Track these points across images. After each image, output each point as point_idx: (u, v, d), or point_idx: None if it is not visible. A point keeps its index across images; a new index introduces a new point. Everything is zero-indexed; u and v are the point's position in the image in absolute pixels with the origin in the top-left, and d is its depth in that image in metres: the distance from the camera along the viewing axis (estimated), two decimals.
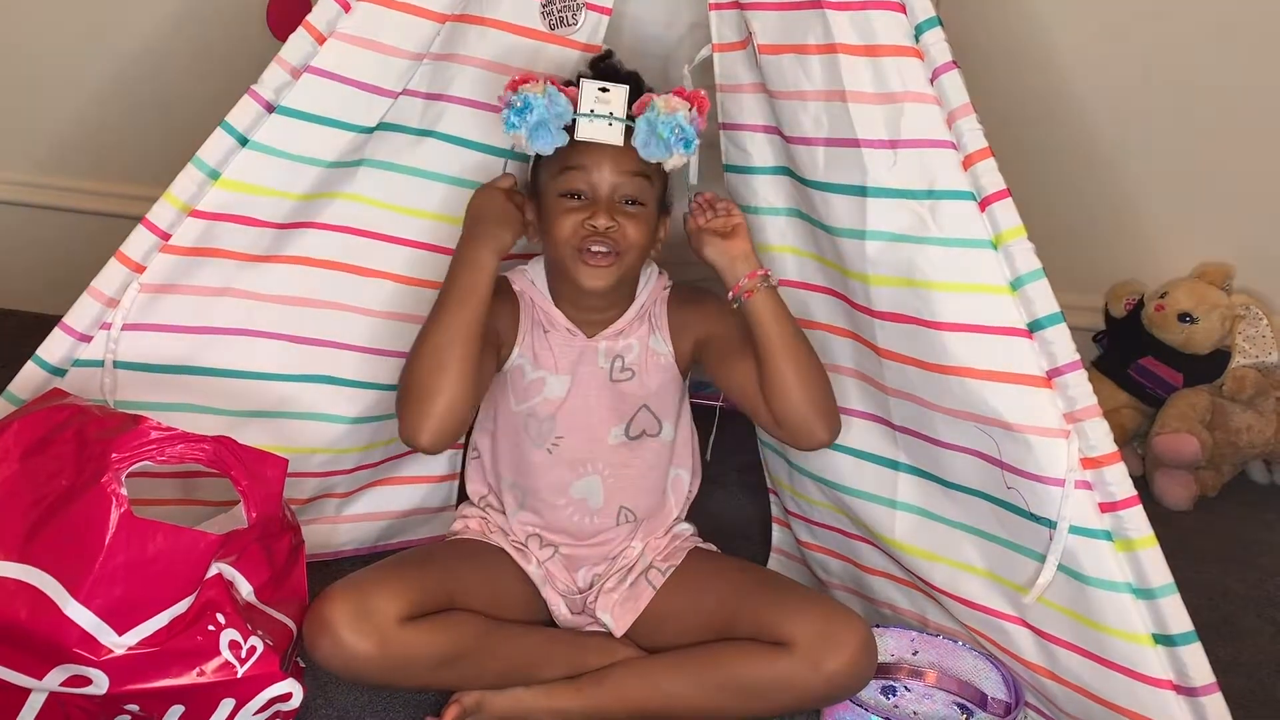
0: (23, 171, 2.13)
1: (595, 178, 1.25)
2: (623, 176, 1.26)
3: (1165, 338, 1.96)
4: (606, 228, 1.24)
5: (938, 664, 1.32)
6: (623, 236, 1.25)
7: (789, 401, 1.24)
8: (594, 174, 1.25)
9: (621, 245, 1.25)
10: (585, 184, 1.26)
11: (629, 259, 1.27)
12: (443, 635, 1.22)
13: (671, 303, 1.36)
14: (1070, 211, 2.02)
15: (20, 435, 1.10)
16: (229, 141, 1.28)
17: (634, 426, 1.34)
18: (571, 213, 1.25)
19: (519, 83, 1.24)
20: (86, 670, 1.04)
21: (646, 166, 1.27)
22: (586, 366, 1.33)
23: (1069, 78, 1.97)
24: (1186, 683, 1.12)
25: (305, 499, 1.45)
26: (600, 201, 1.25)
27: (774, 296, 1.25)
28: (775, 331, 1.24)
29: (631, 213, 1.26)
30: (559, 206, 1.26)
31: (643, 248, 1.28)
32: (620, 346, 1.33)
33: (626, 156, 1.26)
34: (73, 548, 1.04)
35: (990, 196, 1.17)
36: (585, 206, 1.25)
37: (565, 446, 1.34)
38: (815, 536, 1.47)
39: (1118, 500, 1.13)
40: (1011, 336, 1.16)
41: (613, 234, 1.24)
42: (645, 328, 1.35)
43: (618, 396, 1.33)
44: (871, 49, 1.20)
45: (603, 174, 1.25)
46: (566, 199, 1.26)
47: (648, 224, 1.28)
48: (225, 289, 1.33)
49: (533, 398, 1.33)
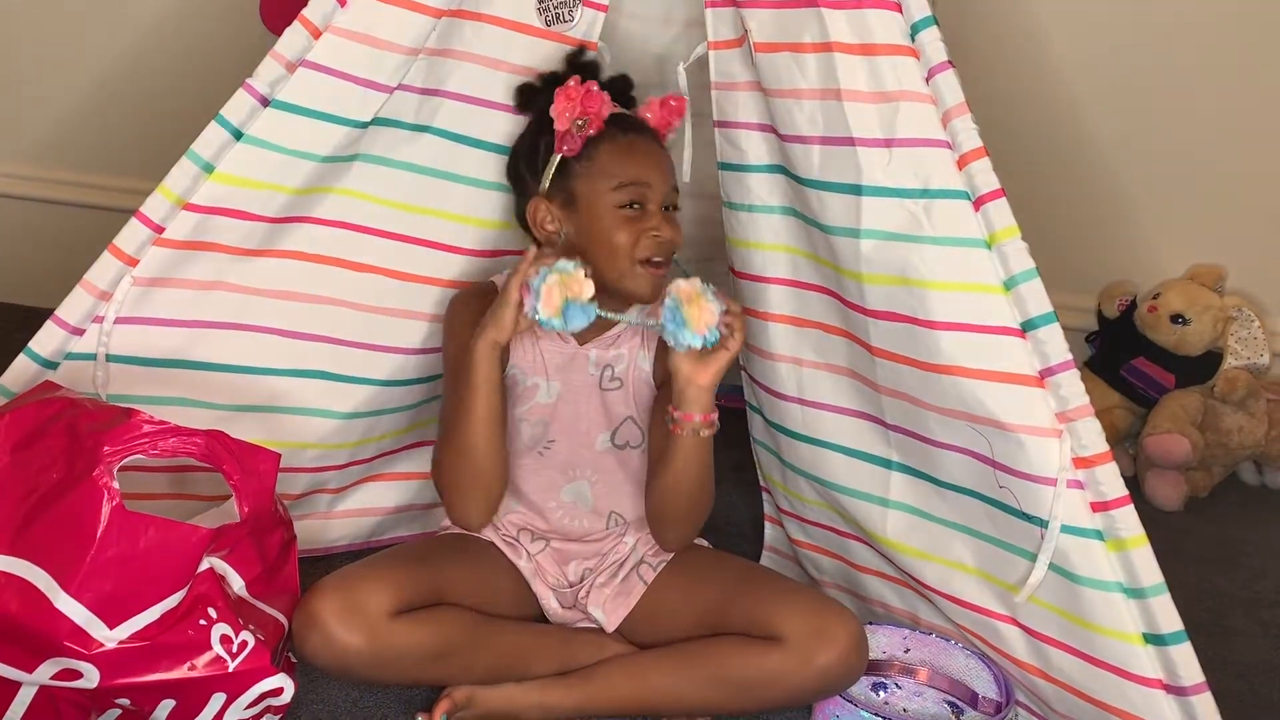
0: (15, 164, 2.12)
1: (653, 192, 1.29)
2: (670, 190, 1.31)
3: (1157, 339, 1.97)
4: (671, 237, 1.28)
5: (929, 662, 1.33)
6: (676, 241, 1.30)
7: (657, 514, 1.30)
8: (653, 189, 1.29)
9: (672, 250, 1.30)
10: (644, 196, 1.29)
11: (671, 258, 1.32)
12: (432, 630, 1.22)
13: None
14: (1063, 212, 2.03)
15: (11, 428, 1.10)
16: (223, 135, 1.27)
17: (619, 435, 1.35)
18: (631, 223, 1.28)
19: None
20: (77, 664, 1.04)
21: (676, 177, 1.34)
22: (576, 374, 1.33)
23: (1063, 78, 1.97)
24: (1176, 682, 1.13)
25: (297, 494, 1.45)
26: (657, 213, 1.29)
27: (706, 443, 1.24)
28: (685, 472, 1.25)
29: (673, 219, 1.31)
30: (617, 217, 1.28)
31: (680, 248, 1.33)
32: (610, 356, 1.34)
33: (671, 170, 1.33)
34: (64, 541, 1.04)
35: (984, 196, 1.17)
36: (642, 216, 1.29)
37: (556, 450, 1.34)
38: (808, 534, 1.48)
39: (1109, 500, 1.14)
40: (1005, 336, 1.17)
41: (675, 241, 1.29)
42: (637, 340, 1.35)
43: (606, 404, 1.34)
44: (867, 48, 1.20)
45: (659, 188, 1.30)
46: (625, 209, 1.29)
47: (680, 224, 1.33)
48: (218, 283, 1.33)
49: (525, 403, 1.34)
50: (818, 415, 1.37)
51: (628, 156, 1.29)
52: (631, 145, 1.31)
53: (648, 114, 1.35)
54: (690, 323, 1.18)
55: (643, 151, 1.31)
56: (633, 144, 1.31)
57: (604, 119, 1.30)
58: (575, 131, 1.28)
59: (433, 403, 1.53)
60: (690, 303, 1.18)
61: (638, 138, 1.32)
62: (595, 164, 1.29)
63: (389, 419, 1.49)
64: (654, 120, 1.35)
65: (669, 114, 1.35)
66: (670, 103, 1.35)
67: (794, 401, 1.39)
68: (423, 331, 1.43)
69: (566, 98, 1.28)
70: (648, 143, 1.32)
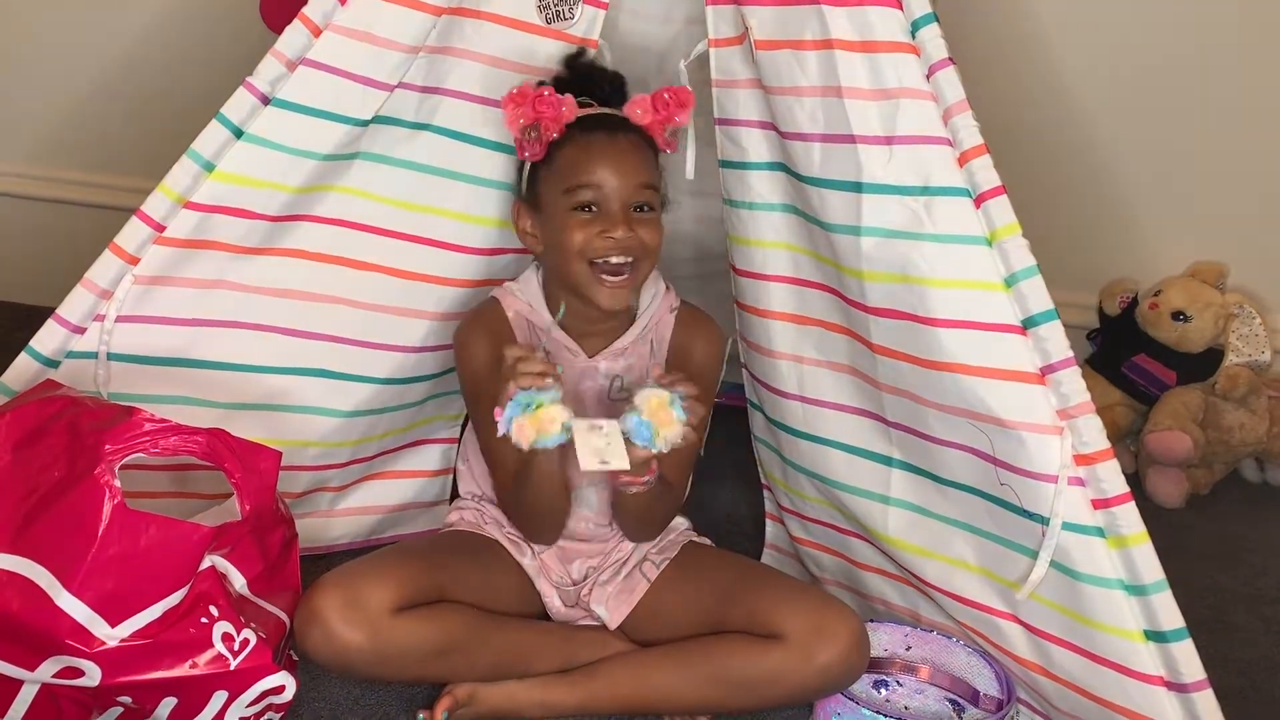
0: (16, 163, 2.12)
1: (608, 192, 1.25)
2: (635, 189, 1.26)
3: (1159, 336, 1.96)
4: (625, 238, 1.24)
5: (931, 659, 1.33)
6: (639, 244, 1.25)
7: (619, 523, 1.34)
8: (607, 189, 1.25)
9: (638, 252, 1.26)
10: (598, 197, 1.25)
11: (644, 268, 1.28)
12: (434, 626, 1.22)
13: (676, 329, 1.36)
14: (1064, 209, 2.02)
15: (13, 426, 1.10)
16: (224, 133, 1.27)
17: None
18: (585, 225, 1.25)
19: None
20: (79, 662, 1.04)
21: (653, 175, 1.28)
22: (586, 384, 1.33)
23: (1064, 75, 1.97)
24: (1177, 679, 1.12)
25: (299, 492, 1.45)
26: (614, 214, 1.25)
27: (646, 494, 1.23)
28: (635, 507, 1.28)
29: (644, 219, 1.26)
30: (571, 221, 1.25)
31: (656, 252, 1.28)
32: (620, 367, 1.33)
33: (637, 168, 1.26)
34: (65, 539, 1.04)
35: (985, 193, 1.17)
36: (598, 219, 1.25)
37: None
38: (808, 532, 1.48)
39: (1110, 497, 1.14)
40: (1005, 333, 1.17)
41: (629, 242, 1.24)
42: (645, 349, 1.35)
43: (614, 413, 1.32)
44: (868, 45, 1.20)
45: (615, 188, 1.25)
46: (578, 212, 1.25)
47: (658, 227, 1.28)
48: (219, 281, 1.33)
49: None
50: (819, 412, 1.37)
51: (582, 158, 1.25)
52: (588, 146, 1.26)
53: (637, 110, 1.30)
54: (655, 438, 1.15)
55: (599, 152, 1.25)
56: (589, 145, 1.26)
57: (565, 122, 1.26)
58: (528, 137, 1.27)
59: (434, 401, 1.53)
60: (656, 416, 1.15)
61: (598, 138, 1.26)
62: (554, 167, 1.27)
63: (390, 417, 1.48)
64: (644, 118, 1.30)
65: (665, 108, 1.30)
66: (665, 96, 1.30)
67: (795, 399, 1.39)
68: (424, 330, 1.43)
69: (514, 103, 1.26)
70: (608, 143, 1.26)
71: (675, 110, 1.30)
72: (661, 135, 1.31)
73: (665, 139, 1.32)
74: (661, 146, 1.32)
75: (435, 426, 1.57)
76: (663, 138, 1.32)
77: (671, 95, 1.30)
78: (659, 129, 1.31)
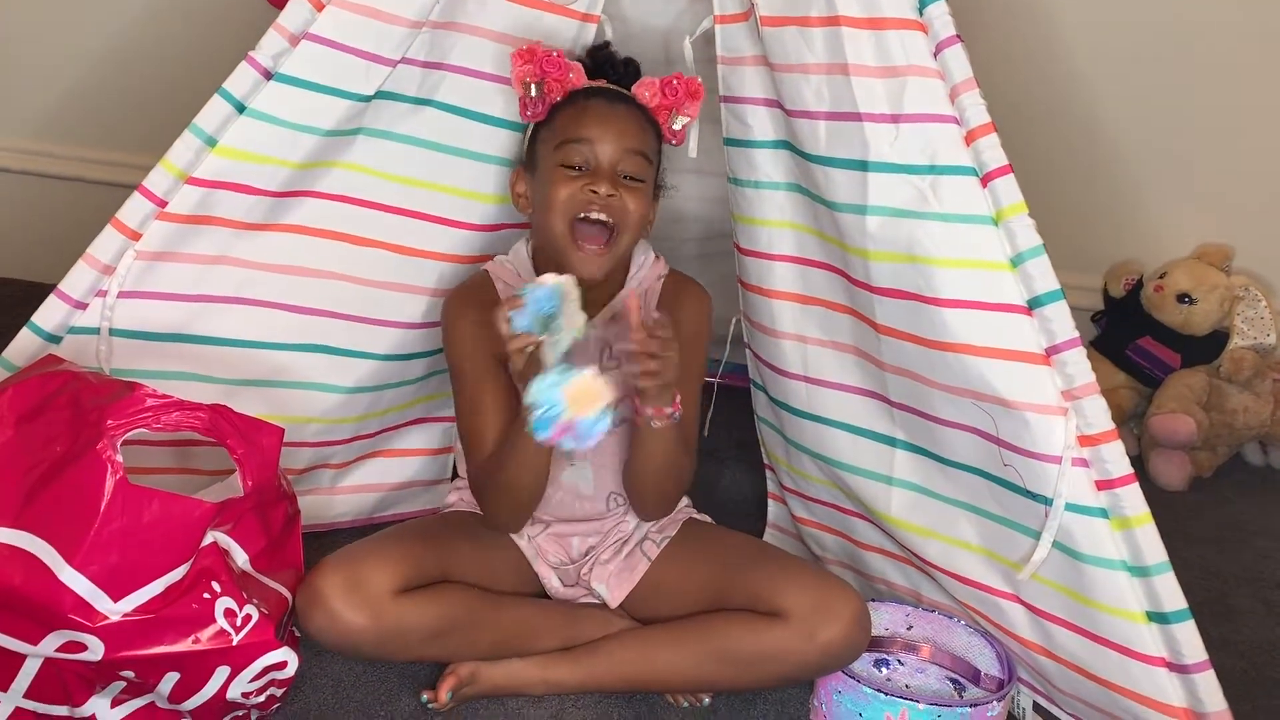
0: (18, 138, 2.11)
1: (599, 150, 1.24)
2: (625, 153, 1.25)
3: (1163, 318, 1.96)
4: (608, 195, 1.22)
5: (932, 639, 1.33)
6: (622, 208, 1.24)
7: (634, 490, 1.30)
8: (597, 147, 1.24)
9: (619, 217, 1.24)
10: (588, 156, 1.25)
11: (625, 239, 1.26)
12: (435, 607, 1.22)
13: (664, 293, 1.35)
14: (1070, 191, 2.02)
15: (15, 401, 1.10)
16: (226, 108, 1.27)
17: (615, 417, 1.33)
18: (571, 180, 1.24)
19: None
20: (82, 636, 1.04)
21: (647, 146, 1.27)
22: (578, 354, 1.31)
23: (1072, 56, 1.96)
24: (1179, 660, 1.13)
25: (301, 469, 1.45)
26: (602, 170, 1.24)
27: (676, 428, 1.23)
28: (660, 453, 1.24)
29: (631, 186, 1.26)
30: (558, 175, 1.25)
31: (638, 226, 1.27)
32: (611, 334, 1.32)
33: (630, 133, 1.26)
34: (68, 514, 1.04)
35: (992, 172, 1.16)
36: (585, 176, 1.24)
37: None
38: (811, 512, 1.48)
39: (1114, 478, 1.13)
40: (1011, 313, 1.16)
41: (613, 203, 1.23)
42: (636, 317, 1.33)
43: None
44: (875, 22, 1.19)
45: (605, 147, 1.25)
46: (566, 169, 1.25)
47: (645, 200, 1.27)
48: (221, 257, 1.33)
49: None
50: (822, 393, 1.37)
51: (579, 116, 1.25)
52: (585, 106, 1.26)
53: (645, 92, 1.30)
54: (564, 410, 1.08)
55: (594, 113, 1.25)
56: (587, 105, 1.26)
57: (570, 88, 1.27)
58: (531, 95, 1.26)
59: (436, 377, 1.52)
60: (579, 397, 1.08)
61: (598, 102, 1.27)
62: (551, 127, 1.27)
63: (392, 394, 1.48)
64: (651, 100, 1.29)
65: (673, 94, 1.29)
66: (674, 83, 1.29)
67: (798, 379, 1.38)
68: (425, 305, 1.43)
69: (521, 59, 1.26)
70: (606, 107, 1.26)
71: (684, 98, 1.30)
72: (666, 121, 1.31)
73: (670, 128, 1.31)
74: (666, 135, 1.31)
75: (437, 404, 1.56)
76: (667, 125, 1.31)
77: (681, 83, 1.29)
78: (664, 114, 1.30)
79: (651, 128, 1.30)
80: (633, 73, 1.33)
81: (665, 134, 1.32)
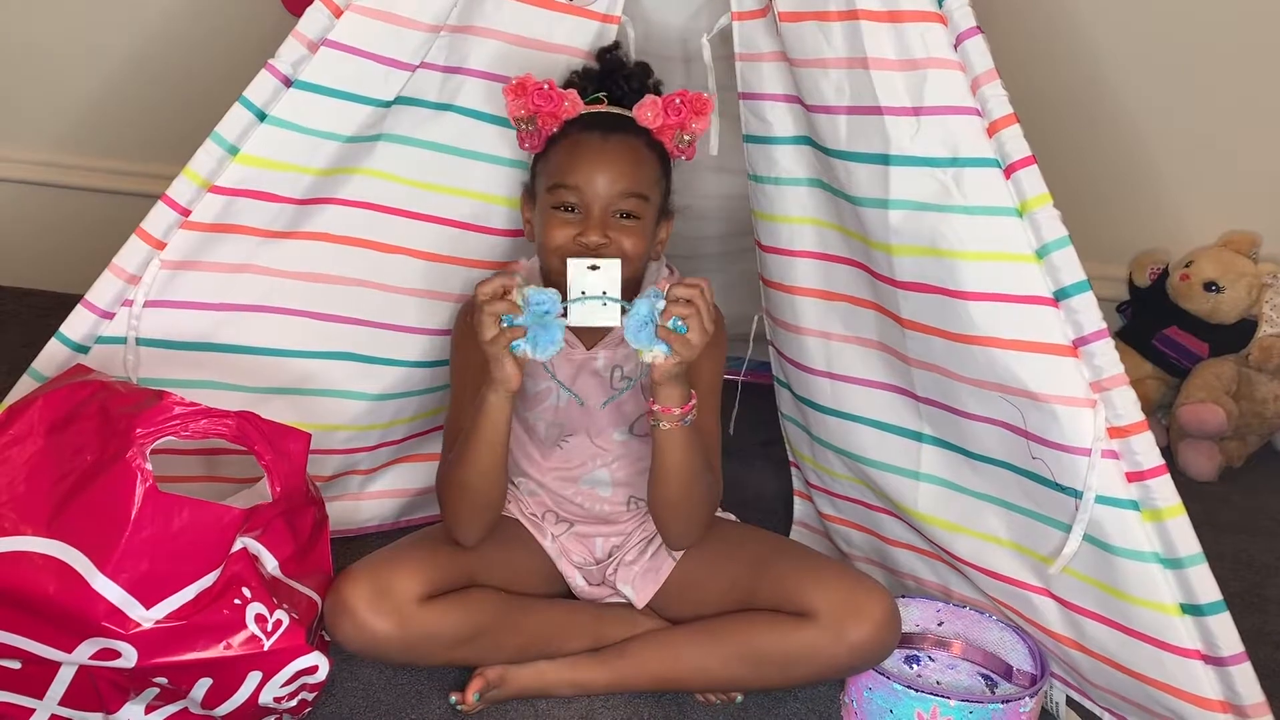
0: (43, 151, 2.13)
1: (589, 195, 1.22)
2: (617, 196, 1.22)
3: (1190, 307, 1.94)
4: (599, 244, 1.20)
5: (963, 635, 1.32)
6: (616, 250, 1.21)
7: (658, 512, 1.26)
8: (587, 192, 1.22)
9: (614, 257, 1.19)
10: (579, 200, 1.22)
11: (623, 272, 1.21)
12: (462, 613, 1.22)
13: None
14: (1093, 180, 2.00)
15: (45, 411, 1.11)
16: (247, 117, 1.27)
17: (638, 426, 1.33)
18: (563, 225, 1.22)
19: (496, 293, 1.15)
20: (115, 644, 1.05)
21: (643, 183, 1.23)
22: (587, 377, 1.31)
23: (1094, 42, 1.94)
24: (1214, 652, 1.11)
25: (328, 476, 1.46)
26: (593, 218, 1.21)
27: (691, 432, 1.21)
28: (677, 462, 1.21)
29: (626, 226, 1.23)
30: (550, 218, 1.24)
31: (636, 260, 1.24)
32: (619, 356, 1.31)
33: (623, 175, 1.22)
34: (99, 522, 1.05)
35: (1015, 163, 1.15)
36: (577, 220, 1.22)
37: (574, 444, 1.33)
38: (837, 509, 1.47)
39: (1145, 469, 1.13)
40: (1037, 305, 1.15)
41: (605, 250, 1.20)
42: None
43: (618, 403, 1.32)
44: (894, 14, 1.19)
45: (597, 192, 1.21)
46: (559, 211, 1.23)
47: (643, 235, 1.24)
48: (246, 265, 1.33)
49: (539, 405, 1.32)
50: (847, 389, 1.36)
51: (569, 157, 1.23)
52: (576, 146, 1.23)
53: (647, 113, 1.24)
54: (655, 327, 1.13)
55: (585, 154, 1.22)
56: (578, 145, 1.23)
57: (565, 118, 1.24)
58: (525, 129, 1.26)
59: None
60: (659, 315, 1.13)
61: (591, 139, 1.23)
62: (547, 162, 1.26)
63: (418, 400, 1.49)
64: (653, 122, 1.24)
65: (676, 114, 1.24)
66: (676, 101, 1.24)
67: (823, 376, 1.38)
68: (450, 312, 1.43)
69: (513, 94, 1.24)
70: (599, 145, 1.22)
71: (688, 116, 1.25)
72: (671, 140, 1.27)
73: (676, 145, 1.27)
74: (672, 153, 1.28)
75: None
76: (673, 144, 1.27)
77: (684, 100, 1.24)
78: (668, 134, 1.26)
79: (652, 155, 1.26)
80: (639, 83, 1.29)
81: (672, 152, 1.28)
